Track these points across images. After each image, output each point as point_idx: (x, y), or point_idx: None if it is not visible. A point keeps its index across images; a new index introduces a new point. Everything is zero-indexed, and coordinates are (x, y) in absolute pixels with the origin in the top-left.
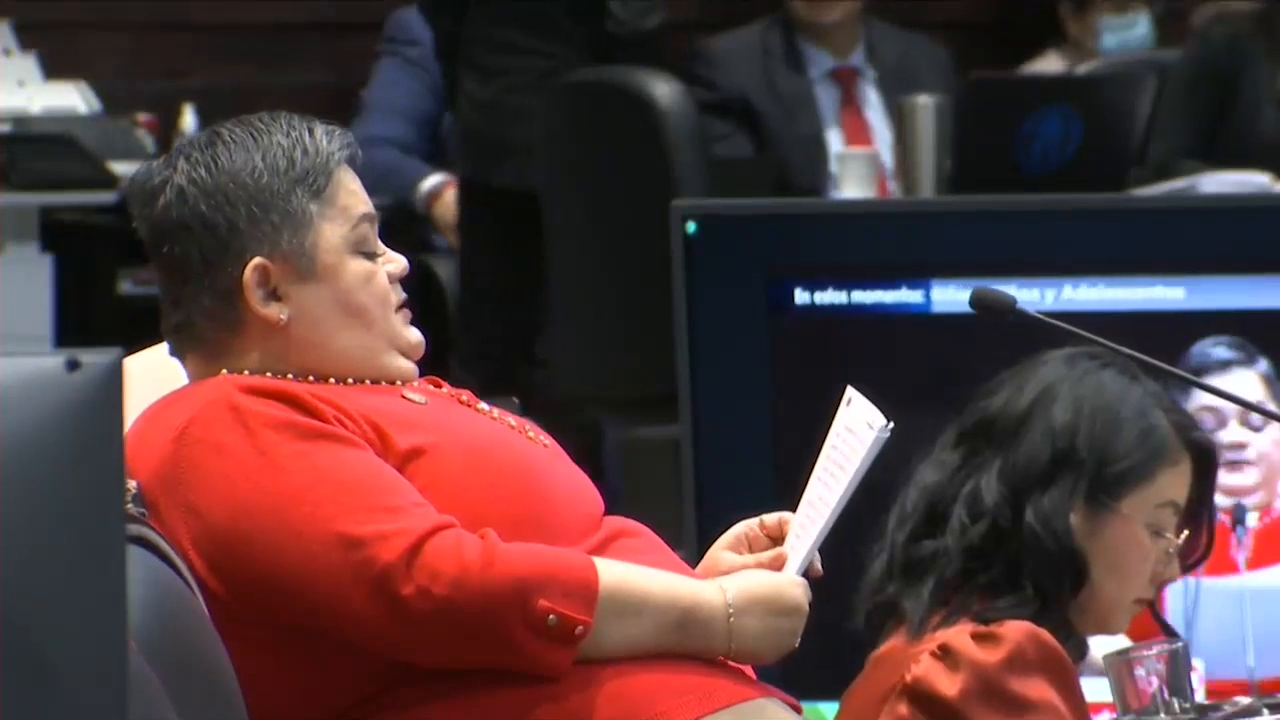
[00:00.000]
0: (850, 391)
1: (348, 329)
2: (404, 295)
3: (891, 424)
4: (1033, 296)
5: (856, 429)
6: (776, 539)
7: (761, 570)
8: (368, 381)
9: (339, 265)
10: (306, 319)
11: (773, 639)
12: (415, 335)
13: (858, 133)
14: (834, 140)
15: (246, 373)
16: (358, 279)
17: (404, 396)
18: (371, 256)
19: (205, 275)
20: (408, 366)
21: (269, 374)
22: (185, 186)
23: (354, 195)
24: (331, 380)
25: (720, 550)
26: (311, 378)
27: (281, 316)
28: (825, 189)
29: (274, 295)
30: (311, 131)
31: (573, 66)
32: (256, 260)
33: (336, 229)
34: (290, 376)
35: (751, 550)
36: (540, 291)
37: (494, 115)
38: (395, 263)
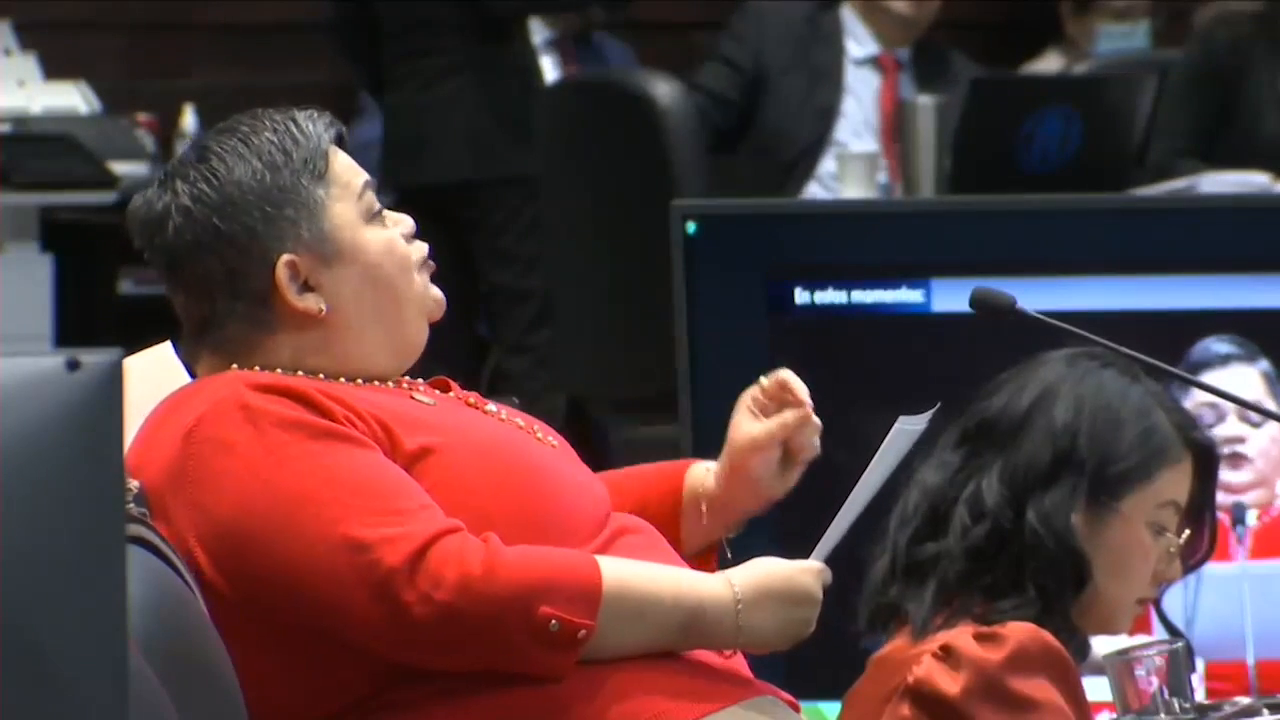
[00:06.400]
0: (901, 419)
1: (383, 306)
2: (425, 249)
3: (926, 416)
4: (1033, 296)
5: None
6: (775, 399)
7: (771, 559)
8: (375, 383)
9: (359, 239)
10: (344, 303)
11: (785, 629)
12: (437, 293)
13: (889, 123)
14: (867, 129)
15: (258, 368)
16: (380, 250)
17: (412, 397)
18: (381, 219)
19: (231, 286)
20: (423, 333)
21: (281, 369)
22: (191, 206)
23: (350, 168)
24: (342, 379)
25: (740, 425)
26: (323, 375)
27: (321, 307)
28: (821, 150)
29: (306, 287)
30: (295, 120)
31: (469, 53)
32: (285, 257)
33: (346, 205)
34: (319, 374)
35: (764, 414)
36: (475, 276)
37: (406, 117)
38: (403, 223)
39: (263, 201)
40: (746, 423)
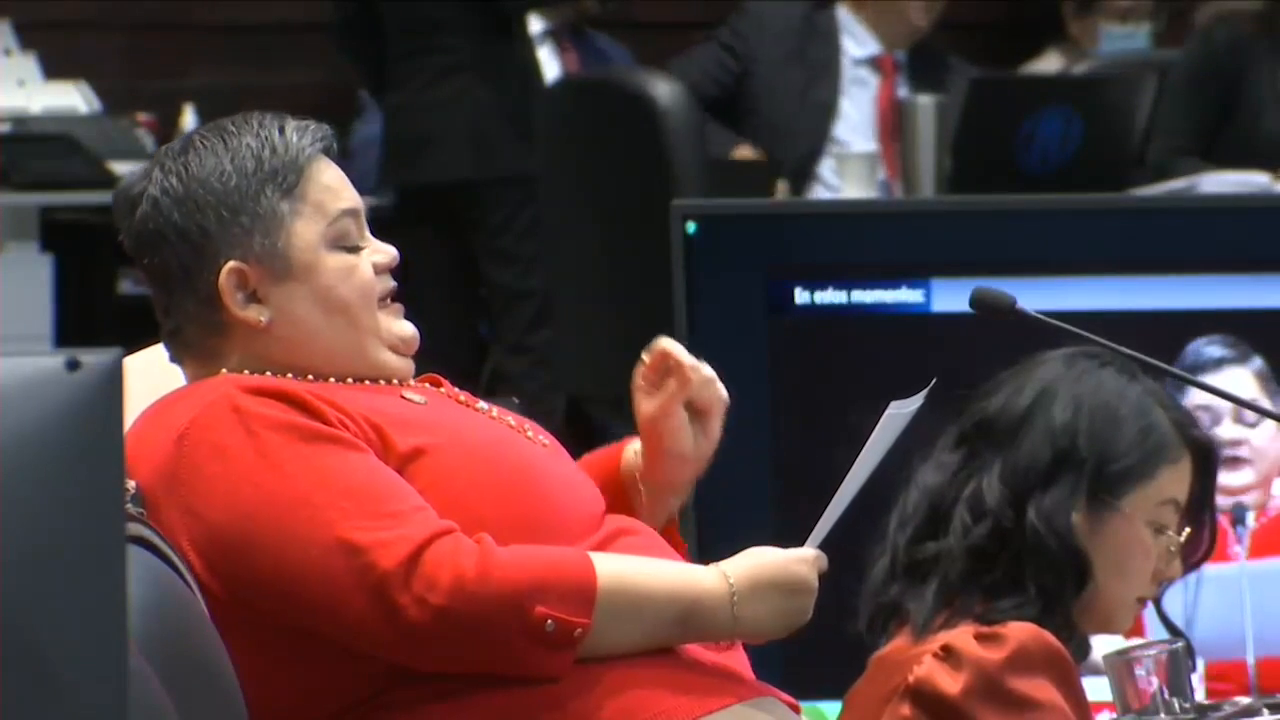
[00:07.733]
0: (893, 405)
1: (331, 326)
2: (393, 285)
3: (915, 403)
4: (1033, 296)
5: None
6: (659, 369)
7: (766, 549)
8: (366, 381)
9: (316, 262)
10: (288, 319)
11: (781, 619)
12: (405, 328)
13: (886, 122)
14: (866, 128)
15: (247, 372)
16: (337, 275)
17: (403, 397)
18: (354, 250)
19: (186, 282)
20: (399, 362)
21: (268, 373)
22: (159, 196)
23: (329, 190)
24: (332, 379)
25: (637, 406)
26: (311, 377)
27: (261, 319)
28: (820, 153)
29: (254, 297)
30: (282, 130)
31: (471, 52)
32: (230, 264)
33: (311, 226)
34: (290, 376)
35: (655, 388)
36: (476, 276)
37: (407, 117)
38: (383, 253)
39: (221, 205)
40: (641, 402)
